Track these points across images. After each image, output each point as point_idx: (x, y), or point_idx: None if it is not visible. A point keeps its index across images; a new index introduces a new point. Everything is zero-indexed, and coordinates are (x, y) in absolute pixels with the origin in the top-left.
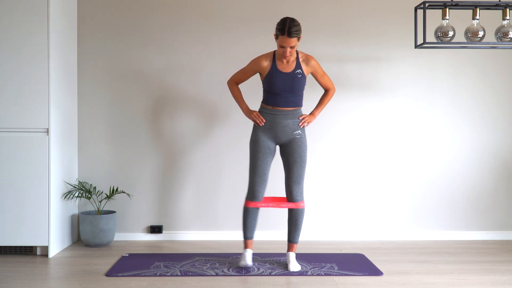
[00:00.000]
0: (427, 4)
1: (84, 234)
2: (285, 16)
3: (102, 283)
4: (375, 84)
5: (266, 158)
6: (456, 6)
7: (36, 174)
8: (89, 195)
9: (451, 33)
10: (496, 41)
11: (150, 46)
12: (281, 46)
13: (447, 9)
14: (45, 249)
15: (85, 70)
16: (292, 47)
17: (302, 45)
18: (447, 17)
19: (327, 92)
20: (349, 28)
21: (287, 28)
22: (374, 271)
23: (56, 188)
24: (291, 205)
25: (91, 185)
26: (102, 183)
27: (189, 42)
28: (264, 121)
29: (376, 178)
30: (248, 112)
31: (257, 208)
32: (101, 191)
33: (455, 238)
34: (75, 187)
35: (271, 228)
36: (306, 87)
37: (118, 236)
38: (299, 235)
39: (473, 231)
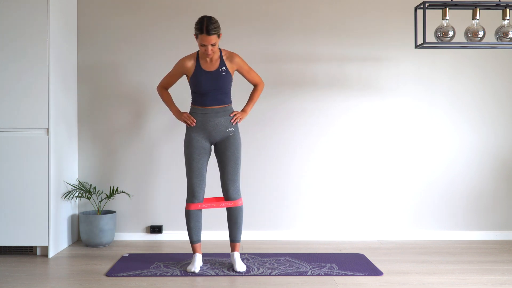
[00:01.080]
0: (427, 4)
1: (84, 234)
2: (203, 15)
3: (102, 283)
4: (375, 84)
5: (201, 158)
6: (456, 6)
7: (36, 174)
8: (89, 195)
9: (451, 33)
10: (496, 41)
11: (149, 46)
12: (202, 45)
13: (447, 9)
14: (45, 249)
15: (85, 70)
16: (213, 45)
17: (303, 45)
18: (447, 17)
19: (256, 87)
20: (349, 28)
21: (205, 26)
22: (374, 271)
23: (56, 188)
24: (230, 203)
25: (91, 185)
26: (102, 183)
27: (189, 42)
28: (195, 121)
29: (376, 178)
30: (178, 114)
31: (199, 210)
32: (101, 191)
33: (455, 238)
34: (75, 187)
35: (271, 228)
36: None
37: (118, 236)
38: (240, 233)
39: (473, 231)
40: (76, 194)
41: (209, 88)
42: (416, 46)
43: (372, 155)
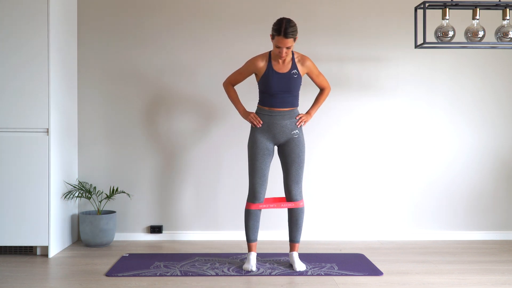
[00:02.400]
0: (427, 4)
1: (84, 234)
2: (282, 17)
3: (102, 283)
4: (375, 84)
5: (265, 159)
6: (456, 6)
7: (36, 174)
8: (89, 195)
9: (451, 33)
10: (496, 41)
11: (149, 46)
12: (277, 47)
13: (447, 9)
14: (45, 249)
15: (85, 70)
16: (288, 48)
17: (302, 45)
18: (447, 17)
19: (322, 91)
20: (349, 28)
21: (284, 28)
22: (374, 271)
23: (56, 188)
24: (291, 204)
25: (91, 185)
26: (102, 183)
27: (189, 42)
28: (262, 122)
29: (376, 178)
30: (245, 114)
31: (259, 210)
32: (101, 191)
33: (455, 238)
34: (75, 187)
35: (271, 228)
36: (302, 87)
37: (118, 236)
38: (300, 234)
39: (473, 231)
40: (76, 194)
41: (279, 90)
42: (416, 46)
43: (372, 155)
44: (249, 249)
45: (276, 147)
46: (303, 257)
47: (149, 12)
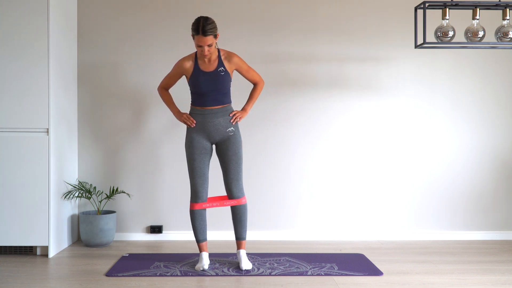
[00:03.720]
0: (427, 4)
1: (84, 234)
2: (199, 16)
3: (102, 283)
4: (375, 84)
5: (203, 158)
6: (456, 6)
7: (36, 174)
8: (89, 195)
9: (451, 33)
10: (496, 41)
11: (149, 46)
12: (198, 46)
13: (447, 9)
14: (45, 249)
15: (85, 70)
16: (209, 46)
17: (303, 45)
18: (447, 17)
19: (255, 85)
20: (349, 28)
21: (201, 26)
22: (374, 271)
23: (56, 188)
24: (233, 202)
25: (91, 185)
26: (102, 183)
27: (189, 42)
28: (195, 122)
29: (376, 178)
30: (178, 115)
31: (204, 210)
32: (101, 191)
33: (455, 238)
34: (75, 187)
35: (271, 228)
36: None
37: (118, 236)
38: (245, 231)
39: (473, 231)
40: (76, 194)
41: (208, 89)
42: (416, 46)
43: (372, 155)
44: (200, 249)
45: (214, 147)
46: (303, 257)
47: (150, 11)
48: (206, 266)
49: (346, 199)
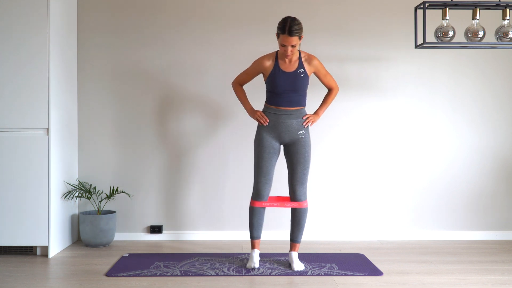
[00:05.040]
0: (427, 4)
1: (84, 234)
2: (287, 15)
3: (102, 283)
4: (375, 84)
5: (270, 157)
6: (456, 6)
7: (36, 174)
8: (89, 195)
9: (451, 33)
10: (496, 41)
11: (150, 45)
12: (282, 45)
13: (447, 9)
14: (45, 249)
15: (85, 70)
16: (293, 46)
17: (303, 45)
18: (447, 17)
19: (330, 91)
20: (349, 28)
21: (288, 27)
22: (374, 271)
23: (56, 188)
24: (295, 204)
25: (91, 185)
26: (102, 183)
27: (190, 41)
28: (268, 120)
29: (376, 178)
30: (252, 112)
31: (263, 208)
32: (101, 191)
33: (455, 238)
34: (75, 187)
35: (271, 228)
36: (309, 86)
37: (118, 236)
38: (302, 234)
39: (473, 231)
40: (76, 194)
41: (285, 89)
42: (416, 46)
43: (372, 155)
44: (253, 246)
45: (282, 147)
46: (303, 257)
47: (150, 10)
48: (257, 265)
49: (346, 199)
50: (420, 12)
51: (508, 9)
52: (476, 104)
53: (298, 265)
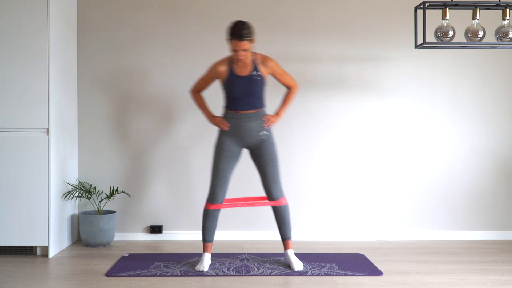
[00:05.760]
0: (427, 4)
1: (84, 234)
2: (237, 20)
3: (102, 283)
4: (375, 84)
5: (228, 161)
6: (456, 6)
7: (36, 174)
8: (89, 195)
9: (451, 33)
10: (496, 41)
11: (150, 46)
12: (234, 50)
13: (447, 9)
14: (45, 249)
15: (85, 70)
16: (245, 50)
17: (303, 45)
18: (447, 17)
19: (289, 90)
20: (349, 28)
21: (238, 31)
22: (374, 271)
23: (56, 188)
24: (274, 203)
25: (91, 185)
26: (102, 183)
27: (190, 42)
28: (228, 125)
29: (376, 178)
30: (211, 118)
31: (217, 211)
32: (101, 191)
33: (455, 238)
34: (75, 187)
35: (271, 228)
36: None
37: (118, 236)
38: (290, 230)
39: (473, 231)
40: (76, 194)
41: (242, 93)
42: (416, 46)
43: (372, 155)
44: (204, 249)
45: (248, 152)
46: (303, 257)
47: (150, 11)
48: (206, 268)
49: (346, 199)
50: (420, 12)
51: (508, 9)
52: (476, 104)
53: (297, 265)
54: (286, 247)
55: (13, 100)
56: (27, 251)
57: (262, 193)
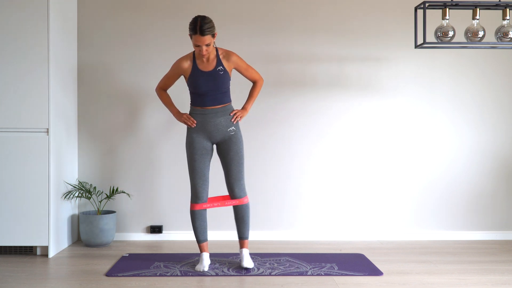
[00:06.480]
0: (427, 4)
1: (84, 234)
2: (197, 15)
3: (102, 283)
4: (375, 84)
5: (203, 158)
6: (456, 6)
7: (36, 174)
8: (89, 195)
9: (451, 33)
10: (496, 41)
11: (149, 46)
12: (196, 46)
13: (447, 9)
14: (45, 249)
15: (85, 70)
16: (207, 45)
17: (303, 45)
18: (447, 17)
19: (255, 84)
20: (349, 28)
21: (199, 26)
22: (374, 271)
23: (56, 188)
24: (235, 202)
25: (91, 185)
26: (102, 183)
27: (190, 41)
28: (195, 122)
29: (376, 178)
30: (178, 116)
31: (204, 210)
32: (101, 191)
33: (455, 238)
34: (75, 187)
35: (270, 228)
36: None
37: (118, 236)
38: (248, 230)
39: (473, 231)
40: (76, 194)
41: (207, 89)
42: (416, 46)
43: (372, 155)
44: (201, 250)
45: (215, 147)
46: (303, 257)
47: (149, 12)
48: (206, 268)
49: (346, 199)
50: (420, 12)
51: (508, 9)
52: (476, 104)
53: (248, 263)
54: (242, 246)
55: (13, 100)
56: (27, 251)
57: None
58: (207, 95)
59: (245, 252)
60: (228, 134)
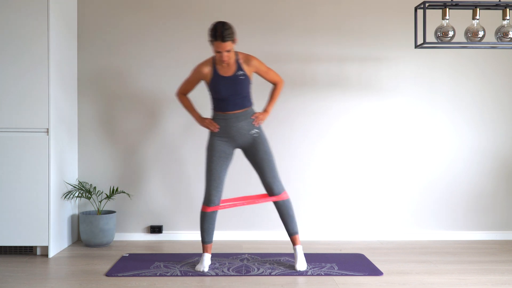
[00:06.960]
0: (427, 4)
1: (84, 234)
2: (217, 21)
3: (102, 283)
4: (375, 84)
5: (221, 162)
6: (456, 6)
7: (36, 174)
8: (89, 195)
9: (451, 33)
10: (496, 41)
11: (149, 47)
12: (217, 52)
13: (447, 9)
14: (45, 249)
15: (85, 70)
16: (228, 51)
17: (303, 45)
18: (447, 17)
19: (275, 86)
20: (349, 28)
21: (220, 33)
22: (374, 271)
23: (56, 188)
24: (275, 198)
25: (91, 185)
26: (102, 183)
27: (190, 42)
28: (218, 127)
29: (376, 178)
30: (200, 120)
31: (214, 212)
32: (101, 191)
33: (455, 238)
34: (75, 187)
35: (271, 228)
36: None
37: (118, 236)
38: (296, 225)
39: (473, 231)
40: (76, 194)
41: (228, 94)
42: (416, 46)
43: (372, 155)
44: (204, 250)
45: (242, 151)
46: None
47: (150, 12)
48: (206, 268)
49: (346, 199)
50: (420, 12)
51: (508, 9)
52: (476, 104)
53: (301, 265)
54: (294, 242)
55: (14, 100)
56: (27, 251)
57: (261, 192)
58: (228, 100)
59: (299, 251)
60: (251, 137)
